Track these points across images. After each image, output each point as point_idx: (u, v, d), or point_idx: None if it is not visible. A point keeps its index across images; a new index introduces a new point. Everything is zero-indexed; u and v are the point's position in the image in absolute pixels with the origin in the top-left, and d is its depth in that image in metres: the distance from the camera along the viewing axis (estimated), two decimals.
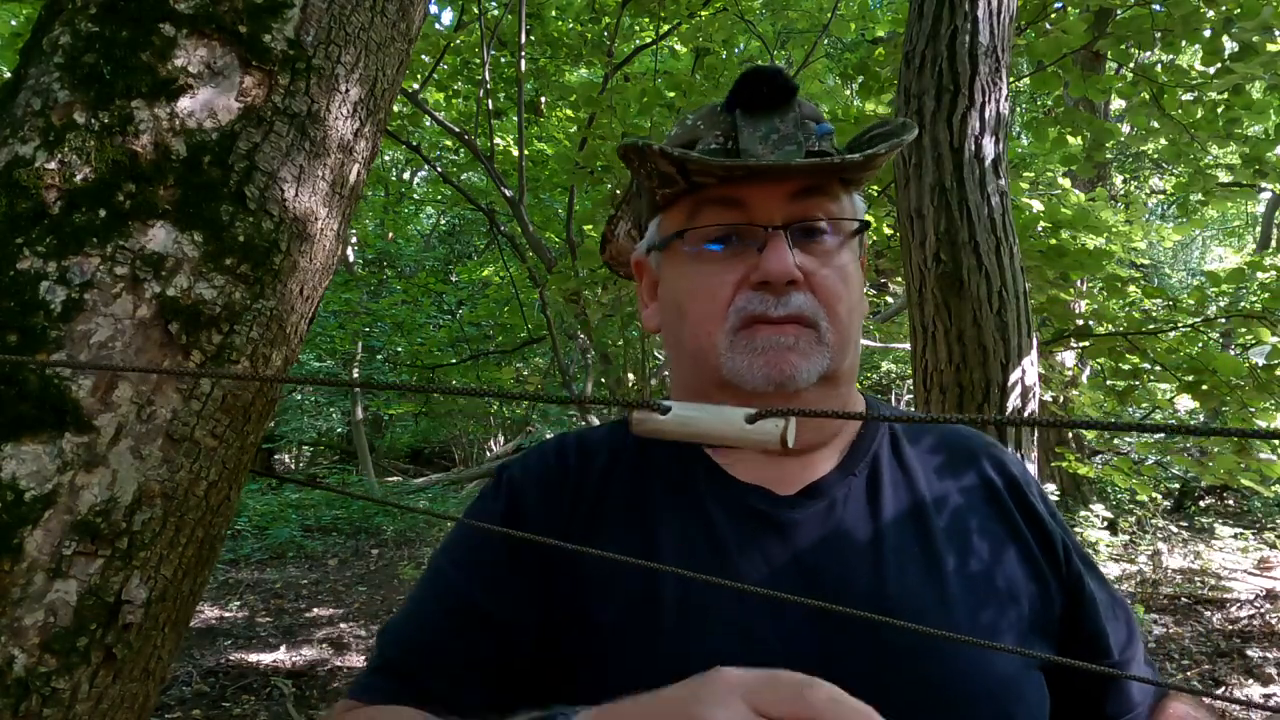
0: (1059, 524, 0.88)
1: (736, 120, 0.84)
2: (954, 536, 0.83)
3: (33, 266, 0.78)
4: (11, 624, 0.72)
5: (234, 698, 4.49)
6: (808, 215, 0.82)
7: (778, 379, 0.79)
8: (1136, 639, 0.90)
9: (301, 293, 0.93)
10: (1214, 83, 4.51)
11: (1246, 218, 16.56)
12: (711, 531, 0.83)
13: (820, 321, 0.82)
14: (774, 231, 0.81)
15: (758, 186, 0.82)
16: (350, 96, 0.95)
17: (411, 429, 14.26)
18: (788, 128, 0.82)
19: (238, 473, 0.90)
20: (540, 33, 6.55)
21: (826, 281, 0.82)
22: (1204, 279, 4.72)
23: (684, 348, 0.88)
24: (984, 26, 2.75)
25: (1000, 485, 0.88)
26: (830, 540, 0.82)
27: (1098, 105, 7.13)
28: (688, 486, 0.85)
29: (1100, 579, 0.89)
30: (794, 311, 0.80)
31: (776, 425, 0.53)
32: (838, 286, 0.83)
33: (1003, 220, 2.71)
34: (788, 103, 0.83)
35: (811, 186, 0.83)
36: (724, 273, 0.83)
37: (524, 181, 5.73)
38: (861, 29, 7.14)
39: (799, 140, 0.82)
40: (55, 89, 0.83)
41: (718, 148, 0.83)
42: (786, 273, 0.79)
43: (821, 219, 0.83)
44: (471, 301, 11.24)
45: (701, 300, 0.84)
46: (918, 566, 0.81)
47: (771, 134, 0.82)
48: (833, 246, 0.84)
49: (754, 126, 0.83)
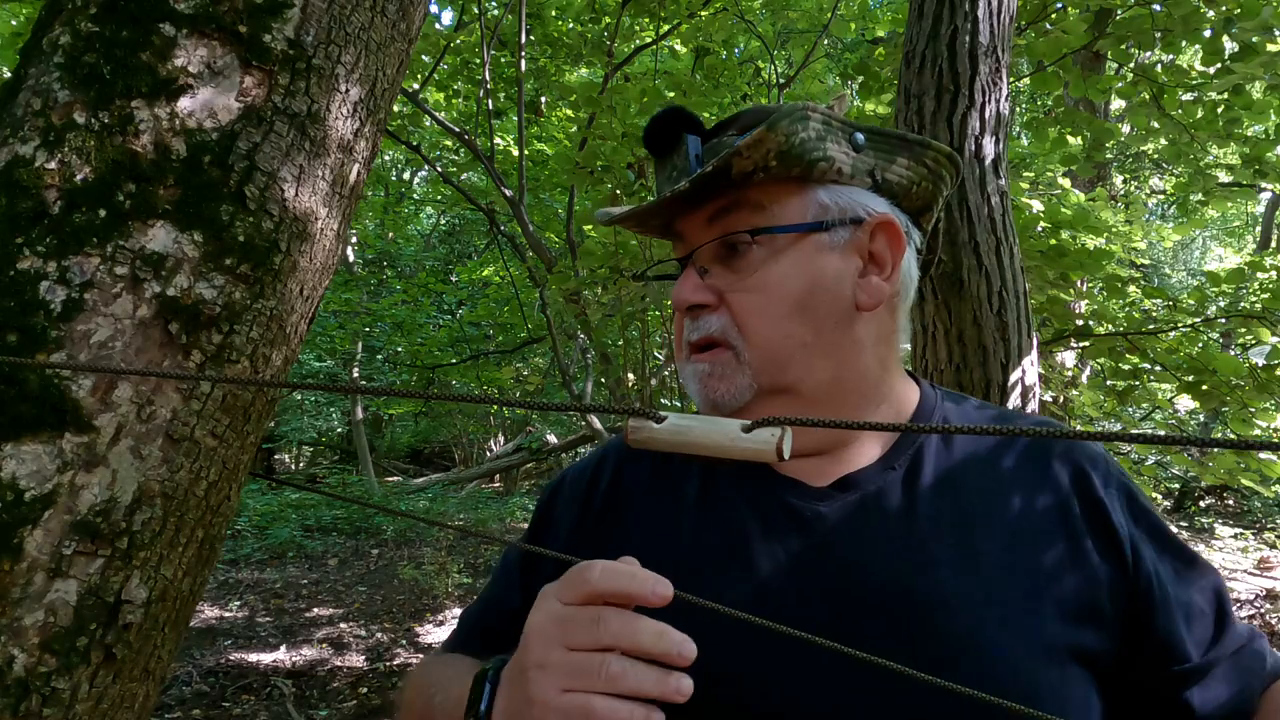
0: (1136, 523, 0.82)
1: (655, 165, 0.90)
2: (996, 531, 0.80)
3: (33, 266, 0.78)
4: (11, 624, 0.72)
5: (234, 698, 4.49)
6: (721, 235, 0.83)
7: (710, 403, 0.83)
8: (1231, 637, 0.83)
9: (301, 292, 0.93)
10: (1214, 83, 4.51)
11: (1246, 218, 16.56)
12: (732, 522, 0.83)
13: (734, 342, 0.82)
14: (689, 260, 0.85)
15: (685, 217, 0.86)
16: (350, 96, 0.95)
17: (411, 429, 14.27)
18: (681, 160, 0.85)
19: (238, 472, 0.90)
20: (540, 33, 6.55)
21: (738, 299, 0.82)
22: (1204, 279, 4.71)
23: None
24: (984, 26, 2.74)
25: (1065, 479, 0.83)
26: (857, 533, 0.80)
27: (1098, 105, 7.12)
28: (719, 478, 0.86)
29: (1188, 580, 0.83)
30: (704, 335, 0.83)
31: (773, 434, 0.53)
32: (754, 302, 0.81)
33: (1003, 220, 2.71)
34: (677, 140, 0.86)
35: (725, 206, 0.83)
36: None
37: (524, 181, 5.73)
38: (861, 29, 7.14)
39: (688, 170, 0.84)
40: (55, 89, 0.83)
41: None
42: (681, 300, 0.84)
43: (741, 233, 0.82)
44: (471, 301, 11.24)
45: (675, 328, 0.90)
46: (951, 561, 0.78)
47: (672, 171, 0.86)
48: (759, 260, 0.82)
49: (661, 169, 0.88)
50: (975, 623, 0.75)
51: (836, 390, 0.83)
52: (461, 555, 7.94)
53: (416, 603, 6.42)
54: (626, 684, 0.59)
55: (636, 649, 0.60)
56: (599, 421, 6.11)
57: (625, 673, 0.60)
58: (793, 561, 0.80)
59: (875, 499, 0.82)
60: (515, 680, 0.65)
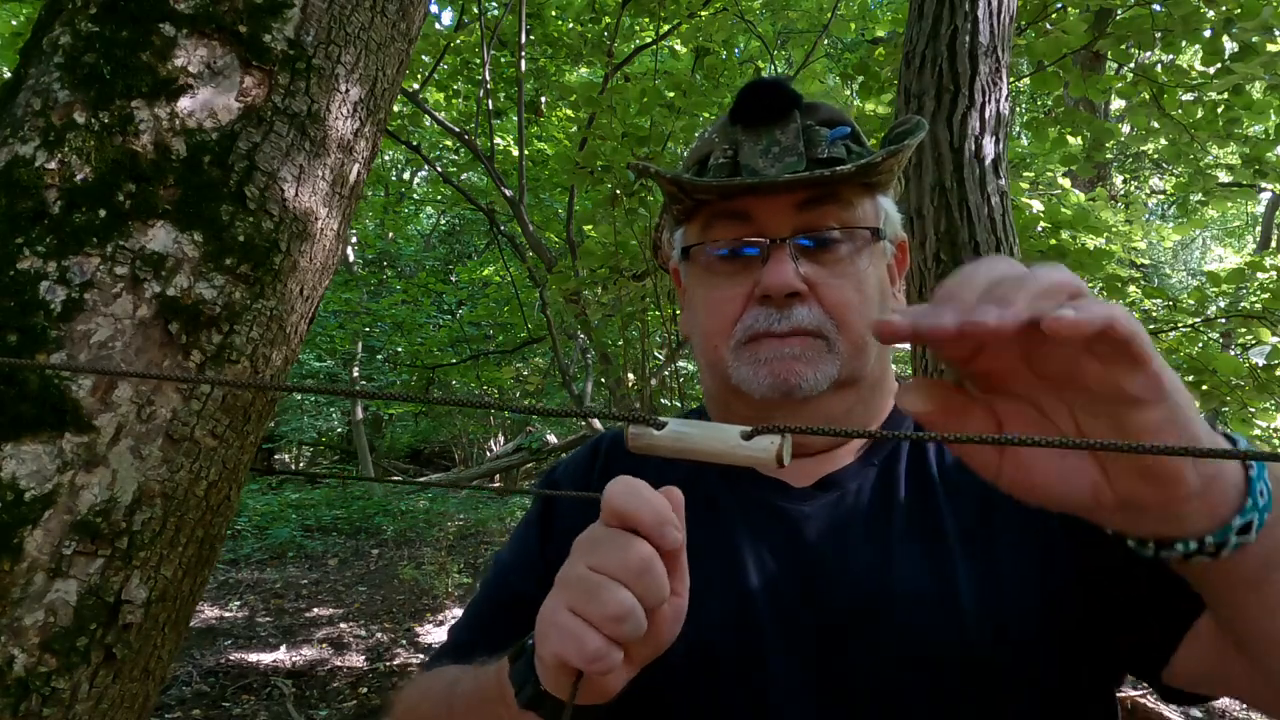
0: None
1: (739, 134, 0.84)
2: (968, 521, 0.81)
3: (33, 266, 0.78)
4: (11, 624, 0.72)
5: (234, 698, 4.49)
6: (815, 225, 0.82)
7: (783, 387, 0.80)
8: None
9: (301, 292, 0.93)
10: (1214, 83, 4.51)
11: (1246, 218, 16.55)
12: (720, 522, 0.84)
13: (828, 333, 0.81)
14: (777, 244, 0.81)
15: (761, 199, 0.82)
16: (350, 96, 0.95)
17: (411, 429, 14.26)
18: (789, 139, 0.82)
19: (238, 472, 0.90)
20: (540, 33, 6.55)
21: (834, 292, 0.82)
22: (1204, 279, 4.71)
23: (700, 359, 0.90)
24: (984, 26, 2.75)
25: None
26: (835, 529, 0.82)
27: (1098, 105, 7.12)
28: (707, 477, 0.87)
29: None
30: (796, 325, 0.80)
31: (772, 443, 0.53)
32: (848, 295, 0.82)
33: (1003, 220, 2.71)
34: (787, 114, 0.83)
35: (819, 196, 0.82)
36: (732, 286, 0.84)
37: (524, 181, 5.73)
38: (861, 29, 7.14)
39: (800, 151, 0.81)
40: (55, 89, 0.83)
41: (725, 161, 0.84)
42: (785, 285, 0.79)
43: (834, 227, 0.82)
44: (471, 301, 11.24)
45: (712, 314, 0.85)
46: (924, 553, 0.79)
47: (772, 146, 0.82)
48: (846, 255, 0.83)
49: (754, 140, 0.83)
50: (946, 610, 0.76)
51: (874, 383, 0.87)
52: (461, 555, 7.94)
53: (416, 603, 6.42)
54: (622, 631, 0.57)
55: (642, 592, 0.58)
56: (599, 423, 6.11)
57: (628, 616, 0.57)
58: (778, 561, 0.81)
59: (854, 494, 0.84)
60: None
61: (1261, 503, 0.51)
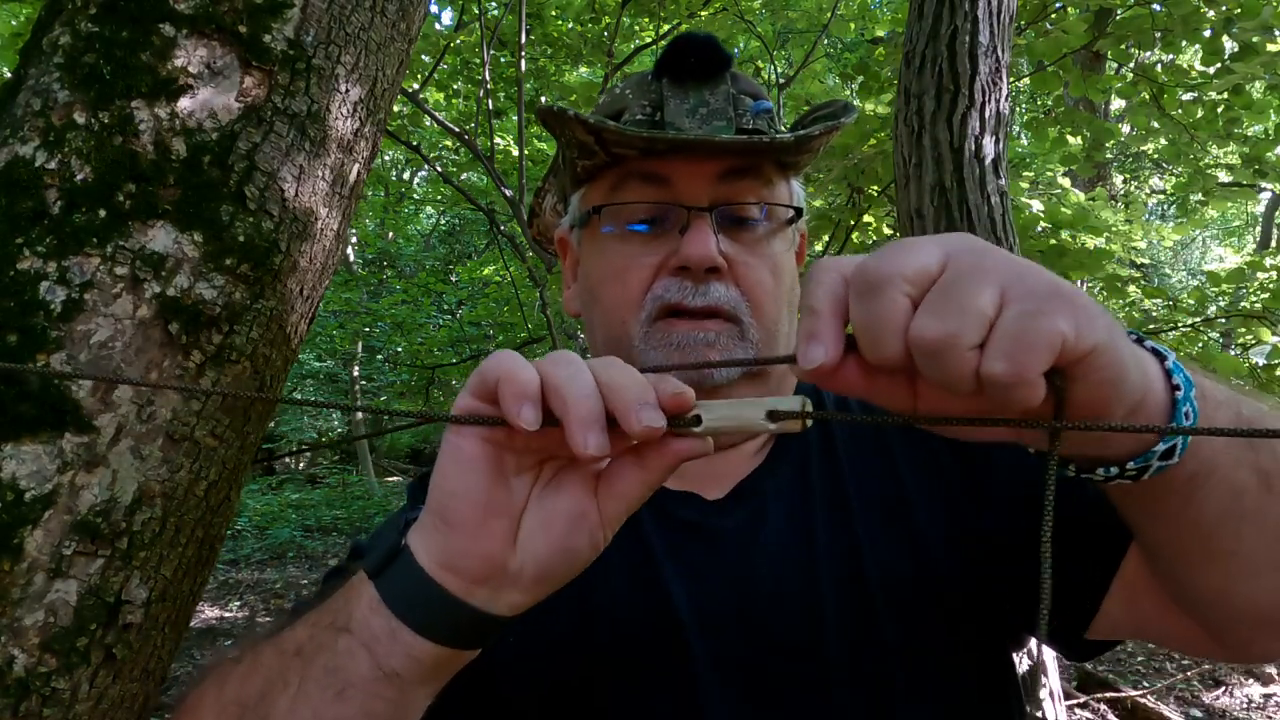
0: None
1: (663, 90, 0.77)
2: (874, 511, 0.77)
3: (33, 266, 0.78)
4: (11, 624, 0.72)
5: None
6: (736, 198, 0.76)
7: (696, 377, 0.73)
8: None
9: (301, 292, 0.93)
10: (1214, 83, 4.51)
11: (1246, 218, 16.56)
12: (640, 541, 0.78)
13: (742, 316, 0.76)
14: (698, 213, 0.75)
15: (683, 162, 0.75)
16: (350, 96, 0.95)
17: (412, 429, 14.25)
18: (718, 101, 0.76)
19: (238, 473, 0.90)
20: (540, 33, 6.55)
21: (752, 272, 0.76)
22: (1204, 279, 4.72)
23: (598, 334, 0.82)
24: (984, 26, 2.75)
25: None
26: (760, 547, 0.76)
27: (1098, 105, 7.12)
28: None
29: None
30: (712, 303, 0.74)
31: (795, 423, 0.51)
32: (764, 276, 0.77)
33: (1003, 220, 2.71)
34: (718, 74, 0.77)
35: (742, 167, 0.76)
36: (643, 255, 0.77)
37: (524, 181, 5.73)
38: (861, 29, 7.14)
39: (729, 115, 0.75)
40: (55, 89, 0.83)
41: (644, 119, 0.77)
42: (707, 258, 0.73)
43: (753, 203, 0.77)
44: (471, 301, 11.23)
45: (617, 284, 0.78)
46: (844, 556, 0.75)
47: (700, 107, 0.76)
48: (763, 234, 0.78)
49: (681, 98, 0.76)
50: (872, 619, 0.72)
51: (784, 371, 0.82)
52: None
53: None
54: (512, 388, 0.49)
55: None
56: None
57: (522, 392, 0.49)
58: (701, 581, 0.75)
59: (774, 501, 0.78)
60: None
61: (1186, 424, 0.48)
